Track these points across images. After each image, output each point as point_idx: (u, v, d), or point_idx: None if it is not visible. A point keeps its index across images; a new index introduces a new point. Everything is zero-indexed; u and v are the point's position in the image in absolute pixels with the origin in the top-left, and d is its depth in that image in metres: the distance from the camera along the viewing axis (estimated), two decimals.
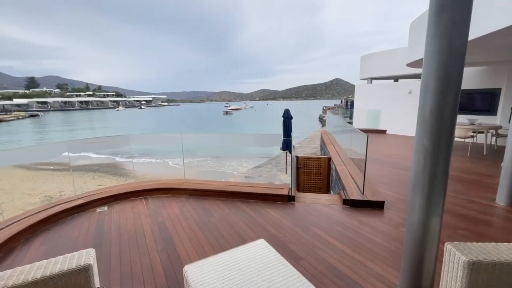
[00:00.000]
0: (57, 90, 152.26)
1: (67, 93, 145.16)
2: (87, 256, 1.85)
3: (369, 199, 4.16)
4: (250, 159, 16.50)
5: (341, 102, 54.19)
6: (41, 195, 10.03)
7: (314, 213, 4.01)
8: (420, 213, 2.13)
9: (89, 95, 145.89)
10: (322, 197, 4.65)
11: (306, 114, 72.76)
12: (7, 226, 3.47)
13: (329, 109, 41.46)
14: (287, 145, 10.02)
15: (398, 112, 11.87)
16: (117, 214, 4.14)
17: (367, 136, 4.29)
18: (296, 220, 3.80)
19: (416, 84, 11.39)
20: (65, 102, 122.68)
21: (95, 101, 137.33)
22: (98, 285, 1.92)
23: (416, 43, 8.08)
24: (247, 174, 10.87)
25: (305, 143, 17.61)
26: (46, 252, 3.15)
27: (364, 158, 4.36)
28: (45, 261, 1.80)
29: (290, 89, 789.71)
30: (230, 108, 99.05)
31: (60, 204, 4.21)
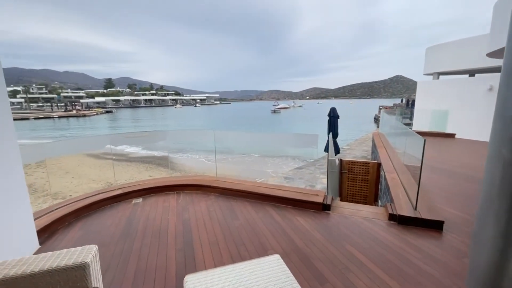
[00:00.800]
0: (128, 90, 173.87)
1: (135, 92, 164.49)
2: (86, 254, 1.80)
3: (423, 217, 3.41)
4: (292, 159, 15.99)
5: (402, 101, 48.83)
6: (103, 182, 11.35)
7: (351, 228, 3.46)
8: (492, 251, 1.52)
9: (152, 94, 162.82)
10: (364, 209, 4.02)
11: (359, 114, 68.00)
12: (56, 209, 3.84)
13: (386, 108, 37.79)
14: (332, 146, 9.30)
15: (473, 112, 9.94)
16: (149, 207, 4.26)
17: (424, 140, 3.53)
18: (328, 234, 3.33)
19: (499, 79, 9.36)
20: (133, 100, 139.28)
21: (157, 99, 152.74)
22: (97, 285, 1.86)
23: (501, 27, 6.56)
24: (287, 175, 10.46)
25: (355, 145, 16.26)
26: (81, 237, 3.36)
27: (420, 165, 3.61)
28: (50, 253, 1.81)
29: (343, 87, 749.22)
30: (278, 107, 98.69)
31: (102, 192, 4.54)
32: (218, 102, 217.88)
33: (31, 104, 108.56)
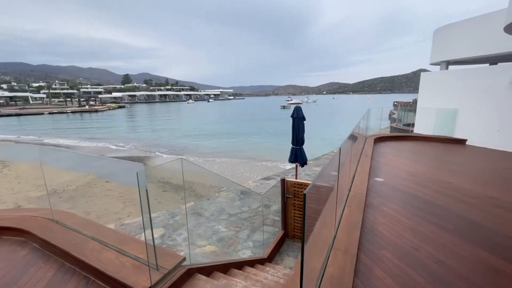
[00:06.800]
0: (144, 85, 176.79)
1: (151, 88, 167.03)
2: None
3: None
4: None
5: None
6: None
7: None
8: None
9: (167, 89, 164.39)
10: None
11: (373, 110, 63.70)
12: None
13: (403, 104, 34.19)
14: (296, 156, 7.28)
15: (492, 112, 7.52)
16: None
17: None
18: None
19: None
20: (148, 95, 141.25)
21: (171, 94, 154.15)
22: None
23: None
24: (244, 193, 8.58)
25: None
26: None
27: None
28: None
29: (363, 82, 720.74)
30: (290, 102, 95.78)
31: None
32: (232, 97, 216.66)
33: (53, 100, 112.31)
